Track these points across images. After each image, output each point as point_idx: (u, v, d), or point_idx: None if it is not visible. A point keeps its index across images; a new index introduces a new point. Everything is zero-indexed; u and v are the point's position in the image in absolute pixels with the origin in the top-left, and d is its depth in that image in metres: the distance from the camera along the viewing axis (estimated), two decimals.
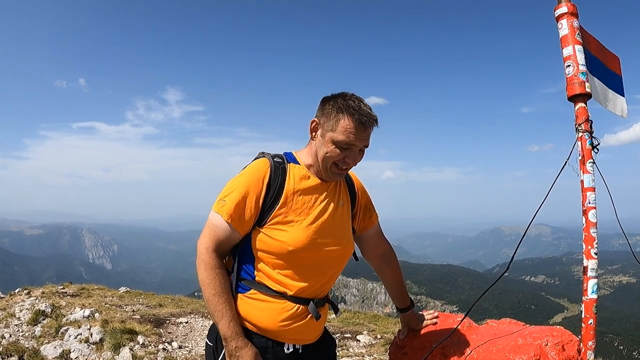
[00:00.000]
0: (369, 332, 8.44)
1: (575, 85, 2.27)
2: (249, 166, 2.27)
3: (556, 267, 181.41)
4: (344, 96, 2.21)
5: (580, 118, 2.27)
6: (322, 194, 2.31)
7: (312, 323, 2.33)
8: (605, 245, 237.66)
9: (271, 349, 2.25)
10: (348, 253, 2.43)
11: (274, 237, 2.19)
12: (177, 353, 6.29)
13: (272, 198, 2.20)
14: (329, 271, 2.34)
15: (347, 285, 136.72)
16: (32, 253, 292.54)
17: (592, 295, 2.21)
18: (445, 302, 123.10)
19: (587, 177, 2.22)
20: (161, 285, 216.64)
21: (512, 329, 2.74)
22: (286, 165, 2.28)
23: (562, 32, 2.34)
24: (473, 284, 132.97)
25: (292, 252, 2.18)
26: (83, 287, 11.83)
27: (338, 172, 2.26)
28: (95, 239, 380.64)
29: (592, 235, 2.21)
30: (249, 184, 2.18)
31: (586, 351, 2.23)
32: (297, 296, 2.25)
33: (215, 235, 2.17)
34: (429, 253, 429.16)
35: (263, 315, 2.22)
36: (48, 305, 8.35)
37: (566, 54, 2.31)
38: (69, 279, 15.04)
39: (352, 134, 2.15)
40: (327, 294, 2.43)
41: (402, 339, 2.83)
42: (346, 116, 2.15)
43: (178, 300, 11.29)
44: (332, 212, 2.33)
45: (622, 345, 76.79)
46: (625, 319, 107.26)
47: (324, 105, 2.24)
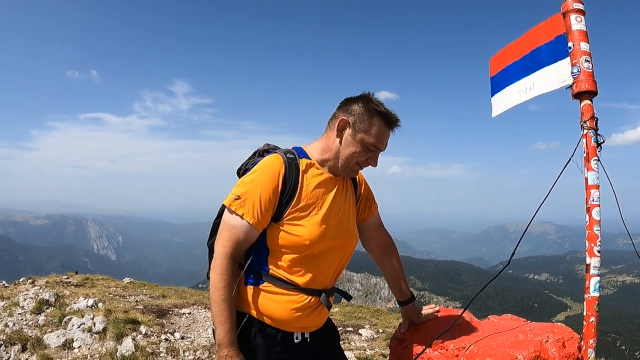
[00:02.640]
0: (371, 326, 8.45)
1: (587, 82, 2.24)
2: (263, 162, 2.27)
3: (560, 265, 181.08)
4: (370, 99, 2.25)
5: (585, 115, 2.25)
6: (333, 187, 2.35)
7: (322, 311, 2.40)
8: (609, 244, 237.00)
9: (280, 340, 2.29)
10: (354, 244, 2.49)
11: (290, 232, 2.22)
12: (180, 343, 6.31)
13: (288, 194, 2.22)
14: (338, 262, 2.40)
15: (351, 280, 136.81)
16: (37, 243, 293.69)
17: (594, 293, 2.20)
18: (449, 298, 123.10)
19: (591, 174, 2.20)
20: (165, 277, 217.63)
21: (513, 324, 2.74)
22: (298, 161, 2.30)
23: (581, 26, 2.29)
24: (476, 280, 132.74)
25: (307, 245, 2.22)
26: (87, 277, 11.88)
27: (357, 170, 2.34)
28: (100, 230, 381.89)
29: (596, 233, 2.19)
30: (265, 181, 2.19)
31: (587, 349, 2.22)
32: (309, 287, 2.29)
33: (235, 236, 2.18)
34: (433, 249, 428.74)
35: (277, 306, 2.26)
36: (52, 295, 8.38)
37: (586, 49, 2.27)
38: (73, 269, 15.09)
39: (384, 137, 2.23)
40: (335, 283, 2.49)
41: (403, 332, 2.84)
42: (381, 121, 2.22)
43: (181, 292, 11.32)
44: (342, 205, 2.39)
45: (625, 345, 76.70)
46: (628, 319, 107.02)
47: (351, 106, 2.27)
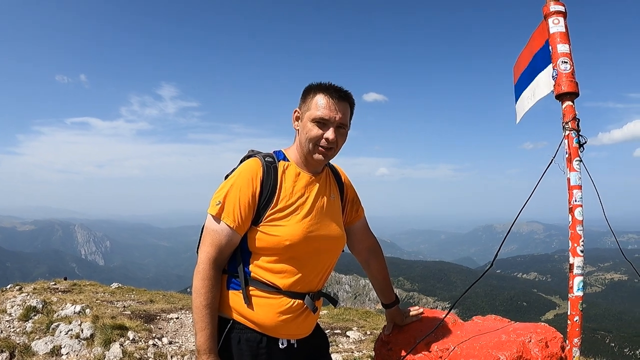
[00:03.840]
0: (359, 328, 8.46)
1: (566, 84, 2.27)
2: (241, 167, 2.29)
3: (548, 264, 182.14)
4: (319, 82, 2.31)
5: (567, 116, 2.27)
6: (314, 188, 2.35)
7: (308, 317, 2.36)
8: (597, 242, 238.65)
9: (265, 345, 2.27)
10: (341, 245, 2.48)
11: (270, 234, 2.21)
12: (167, 348, 6.28)
13: (267, 197, 2.23)
14: (324, 264, 2.38)
15: (340, 282, 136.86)
16: (24, 249, 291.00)
17: (578, 292, 2.21)
18: (438, 298, 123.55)
19: (573, 175, 2.22)
20: (154, 281, 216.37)
21: (497, 325, 2.76)
22: (277, 163, 2.31)
23: (558, 28, 2.33)
24: (465, 280, 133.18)
25: (288, 246, 2.21)
26: (75, 283, 11.81)
27: (321, 153, 2.29)
28: (88, 235, 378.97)
29: (579, 233, 2.21)
30: (244, 184, 2.20)
31: (572, 348, 2.23)
32: (293, 290, 2.27)
33: (217, 241, 2.19)
34: (422, 250, 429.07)
35: (260, 311, 2.24)
36: (39, 301, 8.33)
37: (563, 51, 2.30)
38: (61, 275, 14.98)
39: (325, 107, 2.22)
40: (323, 287, 2.46)
41: (387, 334, 2.86)
42: (318, 93, 2.26)
43: (169, 296, 11.28)
44: (324, 204, 2.38)
45: (614, 342, 77.34)
46: (617, 316, 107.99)
47: (302, 95, 2.33)
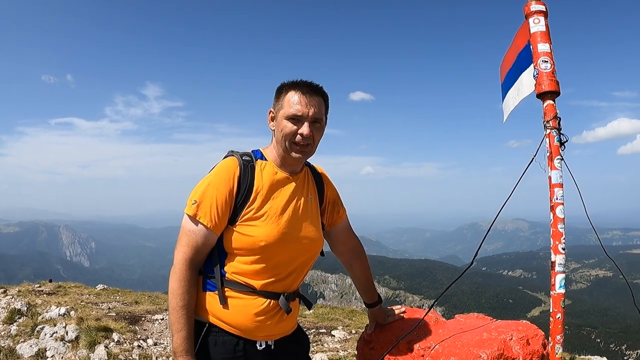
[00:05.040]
0: (344, 327, 8.47)
1: (546, 83, 2.28)
2: (218, 166, 2.28)
3: (533, 261, 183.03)
4: (291, 80, 2.31)
5: (548, 115, 2.28)
6: (290, 188, 2.34)
7: (284, 317, 2.34)
8: (582, 239, 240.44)
9: (242, 347, 2.25)
10: (318, 247, 2.46)
11: (245, 234, 2.20)
12: (152, 350, 6.25)
13: (243, 196, 2.21)
14: (299, 265, 2.36)
15: (326, 281, 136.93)
16: (8, 251, 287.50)
17: (560, 290, 2.22)
18: (424, 296, 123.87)
19: (554, 173, 2.24)
20: (139, 283, 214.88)
21: (479, 323, 2.77)
22: (254, 162, 2.30)
23: (538, 27, 2.34)
24: (451, 278, 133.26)
25: (263, 247, 2.19)
26: (60, 285, 11.72)
27: (297, 150, 2.28)
28: (73, 236, 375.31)
29: (560, 231, 2.22)
30: (220, 183, 2.19)
31: (554, 345, 2.23)
32: (267, 290, 2.26)
33: (193, 241, 2.17)
34: (407, 248, 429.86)
35: (236, 312, 2.23)
36: (24, 304, 8.28)
37: (543, 50, 2.31)
38: (46, 277, 14.86)
39: (297, 103, 2.21)
40: (298, 288, 2.45)
41: (370, 333, 2.86)
42: (290, 90, 2.25)
43: (155, 297, 11.23)
44: (300, 205, 2.36)
45: (599, 338, 78.13)
46: (602, 312, 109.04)
47: (275, 94, 2.33)
